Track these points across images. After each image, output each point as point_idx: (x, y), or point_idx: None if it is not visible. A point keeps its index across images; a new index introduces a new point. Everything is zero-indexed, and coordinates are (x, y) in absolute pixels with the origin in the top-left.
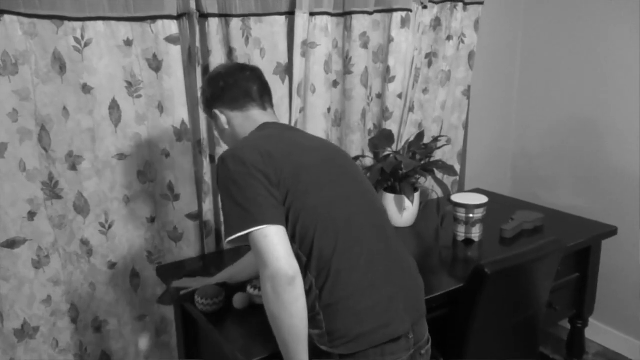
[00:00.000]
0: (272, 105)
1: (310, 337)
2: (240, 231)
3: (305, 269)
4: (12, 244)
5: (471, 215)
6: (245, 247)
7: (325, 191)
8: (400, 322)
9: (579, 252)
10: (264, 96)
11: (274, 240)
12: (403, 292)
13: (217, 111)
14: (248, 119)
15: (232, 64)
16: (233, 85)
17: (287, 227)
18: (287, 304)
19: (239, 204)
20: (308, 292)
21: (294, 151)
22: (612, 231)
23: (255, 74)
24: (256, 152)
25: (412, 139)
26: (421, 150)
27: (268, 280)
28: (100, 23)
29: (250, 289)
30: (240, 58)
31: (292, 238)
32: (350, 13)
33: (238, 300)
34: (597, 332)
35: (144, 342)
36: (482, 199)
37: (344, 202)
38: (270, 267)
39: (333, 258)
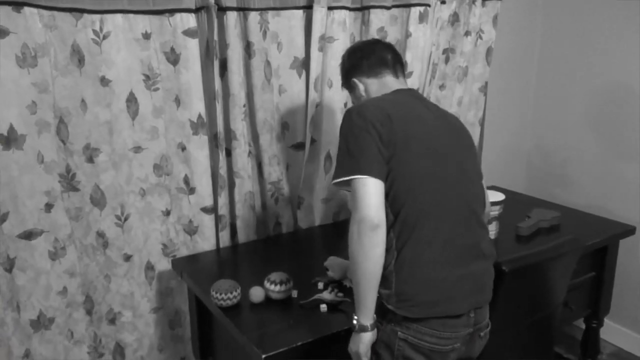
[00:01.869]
0: (404, 75)
1: (379, 295)
2: (346, 176)
3: (390, 227)
4: (29, 235)
5: None
6: None
7: (426, 165)
8: (463, 301)
9: (595, 251)
10: (397, 65)
11: (370, 190)
12: (473, 276)
13: (356, 80)
14: (383, 85)
15: (367, 39)
16: (370, 54)
17: (385, 182)
18: (366, 247)
19: (351, 152)
20: (388, 250)
21: (411, 120)
22: (629, 230)
23: (388, 45)
24: (378, 112)
25: None
26: None
27: (355, 223)
28: (118, 16)
29: (267, 284)
30: (258, 52)
31: (386, 196)
32: (368, 7)
33: (254, 294)
34: (612, 332)
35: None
36: (499, 196)
37: (440, 179)
38: (360, 212)
39: (415, 228)
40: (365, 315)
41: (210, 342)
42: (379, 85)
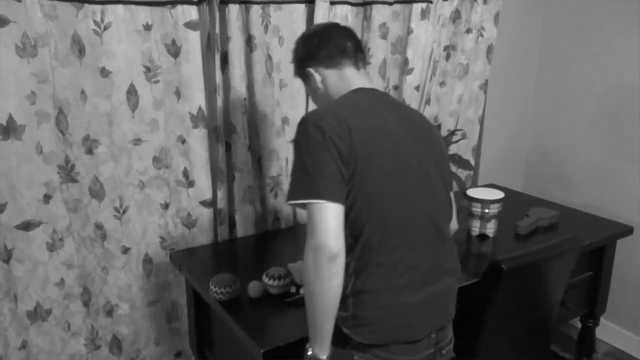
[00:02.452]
0: (364, 65)
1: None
2: (301, 199)
3: (349, 250)
4: (27, 226)
5: (487, 211)
6: None
7: (390, 184)
8: (424, 326)
9: (593, 250)
10: (358, 54)
11: (329, 216)
12: (436, 297)
13: (311, 70)
14: (342, 78)
15: (325, 23)
16: (328, 41)
17: (345, 204)
18: (324, 279)
19: (307, 171)
20: (344, 273)
21: (375, 132)
22: (628, 230)
23: (348, 31)
24: (337, 124)
25: None
26: None
27: (311, 251)
28: (120, 7)
29: (265, 279)
30: (259, 45)
31: (346, 217)
32: (370, 3)
33: (253, 288)
34: (608, 331)
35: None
36: (499, 195)
37: (405, 200)
38: (317, 239)
39: (377, 251)
40: (322, 347)
41: (207, 336)
42: (338, 77)
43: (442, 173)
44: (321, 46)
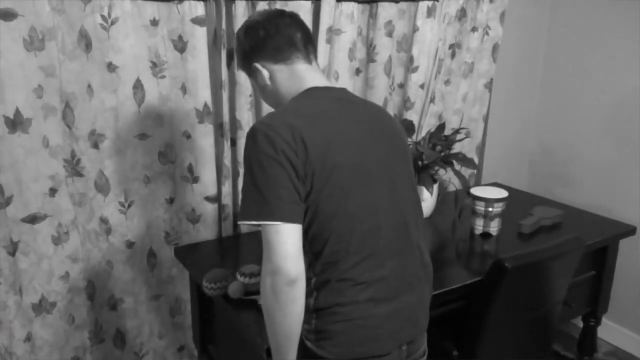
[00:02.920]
0: (316, 57)
1: None
2: (254, 220)
3: (309, 266)
4: (32, 219)
5: (490, 209)
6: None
7: (352, 200)
8: (391, 340)
9: (596, 250)
10: (308, 45)
11: (284, 238)
12: (405, 309)
13: (258, 65)
14: (293, 75)
15: (269, 10)
16: (275, 33)
17: (303, 222)
18: (283, 304)
19: (260, 190)
20: (305, 287)
21: (333, 142)
22: (630, 230)
23: (296, 20)
24: (290, 135)
25: (432, 130)
26: (442, 142)
27: (268, 275)
28: (127, 2)
29: (240, 278)
30: None
31: (305, 233)
32: (376, 0)
33: (233, 289)
34: (609, 331)
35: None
36: (502, 193)
37: (370, 212)
38: (274, 264)
39: (339, 267)
40: None
41: (210, 331)
42: (289, 73)
43: (408, 171)
44: (267, 39)
